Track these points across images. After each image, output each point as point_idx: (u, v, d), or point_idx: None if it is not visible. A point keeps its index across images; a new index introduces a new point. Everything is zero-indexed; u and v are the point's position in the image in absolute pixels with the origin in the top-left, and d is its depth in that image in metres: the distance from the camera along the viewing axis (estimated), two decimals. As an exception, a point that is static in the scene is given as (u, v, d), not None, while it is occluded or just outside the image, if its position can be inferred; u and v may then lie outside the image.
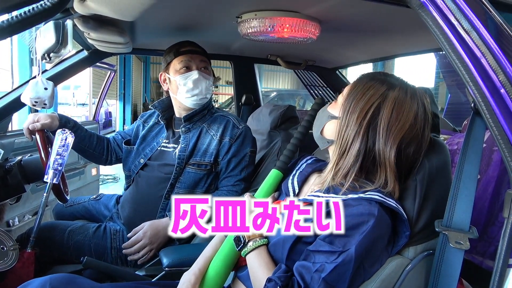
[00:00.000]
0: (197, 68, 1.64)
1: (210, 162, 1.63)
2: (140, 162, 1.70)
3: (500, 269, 0.79)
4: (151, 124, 1.80)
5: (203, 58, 1.68)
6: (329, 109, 1.04)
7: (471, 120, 0.93)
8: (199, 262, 1.12)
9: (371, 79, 1.00)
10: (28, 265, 1.37)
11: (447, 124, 2.94)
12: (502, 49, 0.82)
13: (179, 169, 1.61)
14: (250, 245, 1.02)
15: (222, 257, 1.10)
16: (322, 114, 1.06)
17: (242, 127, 1.68)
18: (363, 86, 0.98)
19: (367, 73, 1.04)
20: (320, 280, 0.86)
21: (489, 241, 1.43)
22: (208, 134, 1.66)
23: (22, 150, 2.11)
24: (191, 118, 1.67)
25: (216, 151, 1.63)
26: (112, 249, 1.61)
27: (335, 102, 1.04)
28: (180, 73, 1.64)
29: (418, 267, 0.94)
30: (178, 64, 1.64)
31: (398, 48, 1.97)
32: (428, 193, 0.96)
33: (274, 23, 1.36)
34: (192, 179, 1.62)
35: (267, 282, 0.92)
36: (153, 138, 1.76)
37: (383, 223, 0.90)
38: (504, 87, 0.80)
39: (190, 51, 1.65)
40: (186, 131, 1.67)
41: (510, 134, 0.79)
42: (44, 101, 1.42)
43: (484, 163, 1.50)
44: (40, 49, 1.22)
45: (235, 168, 1.64)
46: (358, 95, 0.98)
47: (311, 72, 2.70)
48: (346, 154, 0.97)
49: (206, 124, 1.68)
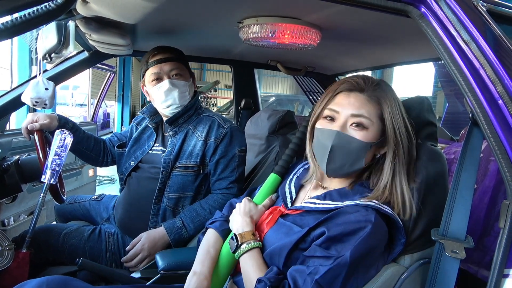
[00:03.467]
0: (168, 77, 1.60)
1: (196, 163, 1.60)
2: (131, 165, 1.69)
3: (495, 279, 0.79)
4: (143, 126, 1.79)
5: (174, 65, 1.62)
6: (365, 139, 0.99)
7: (469, 130, 0.94)
8: (206, 264, 1.09)
9: (380, 93, 1.02)
10: (23, 266, 1.36)
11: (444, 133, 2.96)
12: (501, 60, 0.83)
13: (166, 173, 1.59)
14: (244, 248, 1.03)
15: (227, 259, 1.10)
16: (358, 149, 0.99)
17: (228, 127, 1.64)
18: (391, 100, 1.01)
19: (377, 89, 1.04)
20: (313, 282, 0.86)
21: (485, 251, 1.43)
22: (194, 135, 1.64)
23: (19, 149, 2.10)
24: (174, 121, 1.65)
25: (202, 152, 1.60)
26: (107, 252, 1.60)
27: (367, 131, 0.99)
28: (152, 84, 1.62)
29: (414, 275, 0.94)
30: (149, 76, 1.62)
31: (398, 57, 1.98)
32: (425, 201, 0.96)
33: (275, 29, 1.36)
34: (180, 182, 1.60)
35: (257, 283, 0.93)
36: (145, 141, 1.74)
37: (380, 230, 0.91)
38: (502, 98, 0.81)
39: (159, 61, 1.61)
40: (173, 134, 1.65)
41: (507, 144, 0.79)
42: (44, 101, 1.42)
43: (481, 173, 1.51)
44: (41, 49, 1.22)
45: (225, 169, 1.61)
46: (393, 109, 1.00)
47: (310, 78, 2.71)
48: (400, 159, 0.99)
49: (192, 125, 1.66)
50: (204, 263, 1.09)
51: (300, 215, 1.04)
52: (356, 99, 1.01)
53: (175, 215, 1.59)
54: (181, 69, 1.64)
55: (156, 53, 1.62)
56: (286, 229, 1.03)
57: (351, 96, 1.01)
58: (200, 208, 1.57)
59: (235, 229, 1.09)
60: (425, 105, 1.09)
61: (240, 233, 1.06)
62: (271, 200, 1.18)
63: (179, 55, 1.67)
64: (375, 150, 1.02)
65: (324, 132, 1.01)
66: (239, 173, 1.64)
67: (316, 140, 1.05)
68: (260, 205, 1.16)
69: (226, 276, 1.11)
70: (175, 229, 1.52)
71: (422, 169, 0.98)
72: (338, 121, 1.00)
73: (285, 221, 1.05)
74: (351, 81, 1.04)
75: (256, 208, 1.14)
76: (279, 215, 1.09)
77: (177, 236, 1.52)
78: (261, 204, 1.17)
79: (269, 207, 1.16)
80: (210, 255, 1.11)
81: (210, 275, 1.07)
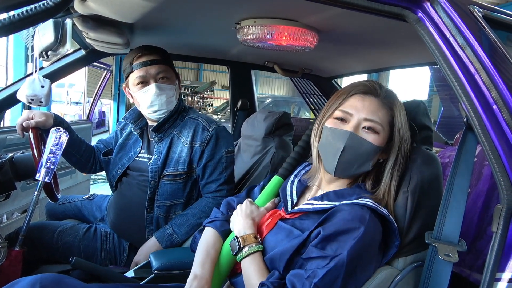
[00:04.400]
0: (155, 80, 1.54)
1: (184, 170, 1.56)
2: (118, 172, 1.66)
3: (487, 283, 0.80)
4: (128, 131, 1.73)
5: (161, 68, 1.55)
6: (376, 143, 1.00)
7: (463, 134, 0.95)
8: (206, 266, 1.07)
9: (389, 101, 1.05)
10: (16, 264, 1.35)
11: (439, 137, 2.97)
12: (496, 66, 0.84)
13: (154, 182, 1.56)
14: (246, 251, 1.02)
15: (226, 261, 1.10)
16: (369, 152, 1.01)
17: (213, 129, 1.59)
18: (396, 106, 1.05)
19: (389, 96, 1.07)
20: (312, 285, 0.86)
21: (477, 255, 1.44)
22: (179, 141, 1.59)
23: (14, 147, 2.09)
24: (159, 128, 1.59)
25: (189, 158, 1.56)
26: (102, 251, 1.60)
27: (378, 136, 1.01)
28: (137, 88, 1.55)
29: (407, 278, 0.95)
30: (134, 79, 1.55)
31: (394, 61, 1.99)
32: (419, 204, 0.97)
33: (272, 31, 1.37)
34: (169, 190, 1.57)
35: (260, 286, 0.92)
36: (130, 147, 1.69)
37: (375, 229, 0.91)
38: (497, 104, 0.81)
39: (145, 63, 1.53)
40: (159, 141, 1.60)
41: (501, 149, 0.80)
42: (40, 99, 1.41)
43: (475, 177, 1.52)
44: (38, 46, 1.22)
45: (213, 172, 1.58)
46: (402, 117, 1.04)
47: (307, 80, 2.72)
48: (400, 170, 1.02)
49: (177, 130, 1.61)
50: (205, 265, 1.07)
51: (299, 219, 1.04)
52: (371, 103, 1.02)
53: (167, 222, 1.57)
54: (167, 72, 1.58)
55: (140, 54, 1.55)
56: (285, 232, 1.02)
57: (366, 100, 1.02)
58: (190, 213, 1.55)
59: (237, 231, 1.08)
60: (420, 109, 1.10)
61: (242, 236, 1.05)
62: (274, 203, 1.17)
63: (164, 57, 1.60)
64: (380, 155, 1.03)
65: (336, 132, 1.01)
66: (227, 174, 1.61)
67: (325, 140, 1.04)
68: (262, 208, 1.15)
69: (225, 277, 1.11)
70: (166, 237, 1.51)
71: (417, 173, 0.99)
72: (351, 123, 1.01)
73: (284, 224, 1.05)
74: (368, 84, 1.05)
75: (258, 210, 1.13)
76: (278, 219, 1.09)
77: (169, 242, 1.51)
78: (263, 206, 1.16)
79: (271, 210, 1.15)
80: (211, 256, 1.09)
81: (210, 278, 1.06)
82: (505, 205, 0.80)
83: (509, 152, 0.80)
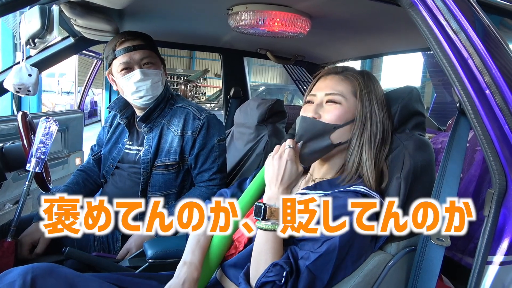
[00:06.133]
0: (139, 66, 1.50)
1: (176, 160, 1.55)
2: (111, 167, 1.64)
3: (479, 266, 0.81)
4: (114, 125, 1.71)
5: (145, 53, 1.51)
6: (341, 113, 1.01)
7: (456, 119, 0.95)
8: (196, 254, 1.07)
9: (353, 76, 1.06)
10: (8, 255, 1.34)
11: (432, 123, 2.98)
12: (489, 50, 0.84)
13: (146, 173, 1.55)
14: (268, 225, 0.93)
15: (217, 248, 1.09)
16: (325, 127, 1.01)
17: (204, 117, 1.57)
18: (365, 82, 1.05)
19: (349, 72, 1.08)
20: (304, 268, 0.87)
21: (469, 239, 1.45)
22: (170, 130, 1.57)
23: (3, 137, 2.06)
24: (147, 117, 1.56)
25: (180, 148, 1.55)
26: (95, 240, 1.59)
27: (341, 105, 1.02)
28: (121, 74, 1.51)
29: (400, 263, 0.96)
30: (118, 66, 1.51)
31: (387, 46, 1.98)
32: (412, 190, 0.97)
33: (265, 17, 1.35)
34: (161, 181, 1.56)
35: (272, 266, 0.89)
36: (117, 139, 1.67)
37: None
38: (489, 88, 0.81)
39: (128, 49, 1.49)
40: (148, 131, 1.58)
41: (493, 134, 0.80)
42: (28, 88, 1.39)
43: (467, 163, 1.53)
44: (24, 34, 1.18)
45: (205, 161, 1.57)
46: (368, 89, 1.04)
47: (300, 67, 2.70)
48: (374, 145, 1.01)
49: (166, 120, 1.58)
50: (195, 252, 1.07)
51: None
52: (331, 80, 1.06)
53: None
54: (152, 57, 1.54)
55: (123, 40, 1.50)
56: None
57: (327, 79, 1.07)
58: None
59: (269, 195, 0.99)
60: (413, 95, 1.09)
61: (271, 208, 0.94)
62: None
63: (148, 41, 1.55)
64: (351, 128, 1.03)
65: (298, 119, 1.08)
66: (220, 163, 1.61)
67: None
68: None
69: (217, 264, 1.11)
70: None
71: (409, 158, 0.99)
72: (315, 102, 1.06)
73: None
74: (331, 67, 1.11)
75: (296, 181, 1.04)
76: None
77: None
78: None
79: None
80: (201, 244, 1.09)
81: (200, 264, 1.06)
82: (497, 189, 0.80)
83: (501, 136, 0.80)
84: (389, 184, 1.00)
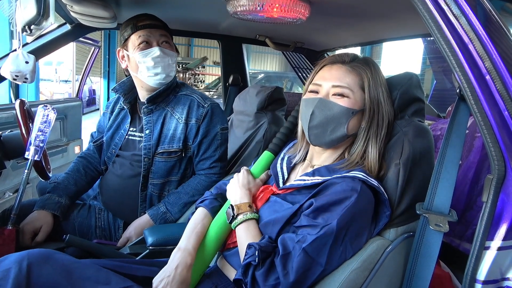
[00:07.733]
0: (158, 43, 1.51)
1: (179, 148, 1.55)
2: (113, 153, 1.64)
3: (477, 251, 0.82)
4: (116, 111, 1.70)
5: (164, 33, 1.54)
6: (349, 106, 1.01)
7: (456, 105, 0.94)
8: (191, 240, 1.09)
9: (360, 66, 1.04)
10: (9, 243, 1.35)
11: (431, 110, 2.98)
12: (490, 36, 0.83)
13: (148, 160, 1.55)
14: (240, 218, 1.04)
15: (214, 235, 1.11)
16: (339, 114, 1.01)
17: (208, 105, 1.58)
18: (372, 73, 1.04)
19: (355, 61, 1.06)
20: (300, 249, 0.89)
21: (467, 225, 1.47)
22: (173, 117, 1.57)
23: (1, 126, 2.05)
24: (154, 99, 1.56)
25: (184, 136, 1.55)
26: (96, 228, 1.60)
27: (348, 99, 1.01)
28: (139, 49, 1.50)
29: (398, 248, 0.96)
30: (136, 40, 1.50)
31: (388, 33, 1.96)
32: (411, 176, 0.97)
33: (263, 2, 1.33)
34: (163, 168, 1.56)
35: (247, 249, 0.94)
36: (119, 125, 1.67)
37: (365, 199, 0.93)
38: (490, 74, 0.81)
39: (149, 26, 1.51)
40: (148, 112, 1.57)
41: (493, 120, 0.80)
42: (25, 75, 1.37)
43: (466, 149, 1.53)
44: (20, 20, 1.17)
45: (207, 149, 1.58)
46: (376, 82, 1.03)
47: (299, 54, 2.68)
48: (380, 139, 1.02)
49: (170, 107, 1.58)
50: (190, 239, 1.10)
51: (291, 194, 1.06)
52: (338, 70, 1.04)
53: (161, 200, 1.57)
54: (169, 40, 1.57)
55: (144, 17, 1.54)
56: (278, 206, 1.04)
57: (333, 68, 1.05)
58: (183, 191, 1.56)
59: (233, 200, 1.10)
60: (413, 81, 1.09)
61: (237, 204, 1.07)
62: (267, 175, 1.20)
63: (167, 27, 1.59)
64: (360, 120, 1.03)
65: (308, 101, 1.05)
66: (221, 152, 1.62)
67: (301, 111, 1.08)
68: (258, 179, 1.18)
69: (214, 251, 1.12)
70: (160, 215, 1.52)
71: (409, 145, 0.99)
72: (321, 93, 1.04)
73: (277, 198, 1.07)
74: (337, 55, 1.08)
75: (254, 182, 1.16)
76: (271, 194, 1.10)
77: (162, 221, 1.52)
78: (258, 178, 1.18)
79: (265, 182, 1.18)
80: (196, 231, 1.12)
81: (194, 251, 1.08)
82: (495, 175, 0.80)
83: (501, 122, 0.79)
84: (388, 171, 1.00)
